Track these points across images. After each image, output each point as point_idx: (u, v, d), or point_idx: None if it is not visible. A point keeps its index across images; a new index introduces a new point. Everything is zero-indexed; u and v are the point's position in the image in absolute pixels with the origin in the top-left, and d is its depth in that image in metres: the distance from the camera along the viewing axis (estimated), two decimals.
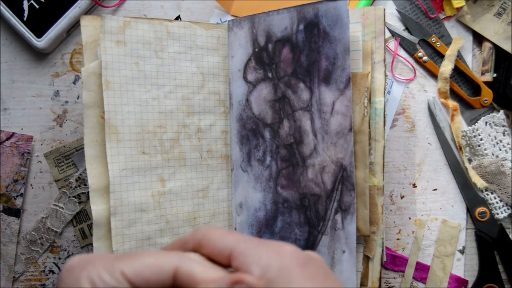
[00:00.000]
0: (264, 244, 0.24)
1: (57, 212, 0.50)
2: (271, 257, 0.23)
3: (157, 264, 0.23)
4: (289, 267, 0.22)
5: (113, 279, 0.22)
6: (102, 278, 0.22)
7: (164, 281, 0.23)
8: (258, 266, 0.22)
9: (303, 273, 0.22)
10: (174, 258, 0.23)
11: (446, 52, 0.51)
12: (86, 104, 0.41)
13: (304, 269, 0.23)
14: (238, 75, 0.46)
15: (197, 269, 0.23)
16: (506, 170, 0.49)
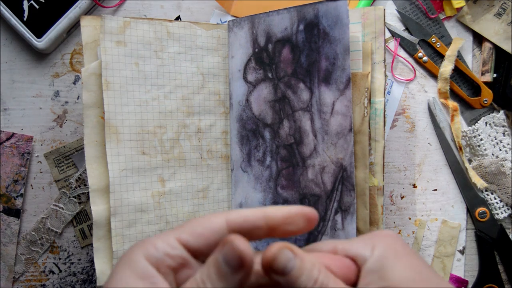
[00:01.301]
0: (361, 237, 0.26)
1: (57, 212, 0.50)
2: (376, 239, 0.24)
3: (208, 220, 0.23)
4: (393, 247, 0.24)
5: (167, 245, 0.23)
6: (156, 247, 0.23)
7: (219, 233, 0.23)
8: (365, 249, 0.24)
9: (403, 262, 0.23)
10: (222, 214, 0.24)
11: (446, 52, 0.51)
12: (86, 104, 0.41)
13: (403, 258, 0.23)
14: (238, 75, 0.46)
15: (245, 211, 0.24)
16: (506, 170, 0.49)
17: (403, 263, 0.23)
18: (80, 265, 0.51)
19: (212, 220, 0.23)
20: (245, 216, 0.23)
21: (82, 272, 0.51)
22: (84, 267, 0.51)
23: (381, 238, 0.25)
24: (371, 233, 0.25)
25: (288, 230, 0.24)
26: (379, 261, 0.23)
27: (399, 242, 0.25)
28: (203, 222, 0.23)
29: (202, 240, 0.23)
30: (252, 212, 0.24)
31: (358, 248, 0.24)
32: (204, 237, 0.23)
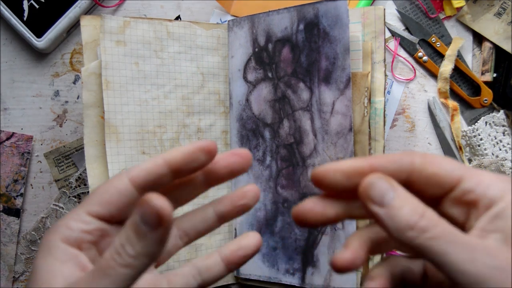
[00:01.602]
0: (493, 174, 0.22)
1: (57, 212, 0.50)
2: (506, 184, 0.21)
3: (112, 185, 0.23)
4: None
5: (80, 222, 0.23)
6: (70, 227, 0.23)
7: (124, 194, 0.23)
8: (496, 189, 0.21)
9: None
10: (123, 173, 0.23)
11: (446, 52, 0.51)
12: (86, 104, 0.41)
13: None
14: (238, 75, 0.46)
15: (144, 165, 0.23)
16: (506, 170, 0.49)
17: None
18: None
19: (116, 184, 0.23)
20: (146, 169, 0.23)
21: None
22: None
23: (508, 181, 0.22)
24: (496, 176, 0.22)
25: (192, 167, 0.24)
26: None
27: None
28: (107, 189, 0.23)
29: (112, 206, 0.23)
30: (152, 162, 0.23)
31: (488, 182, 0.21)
32: (113, 203, 0.23)
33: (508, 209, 0.20)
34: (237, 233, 0.47)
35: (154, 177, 0.23)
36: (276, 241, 0.44)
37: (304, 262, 0.43)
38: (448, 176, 0.22)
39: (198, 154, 0.24)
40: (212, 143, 0.24)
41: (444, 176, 0.22)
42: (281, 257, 0.44)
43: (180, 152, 0.23)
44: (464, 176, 0.22)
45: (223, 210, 0.27)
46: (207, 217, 0.27)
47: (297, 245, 0.43)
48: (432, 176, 0.22)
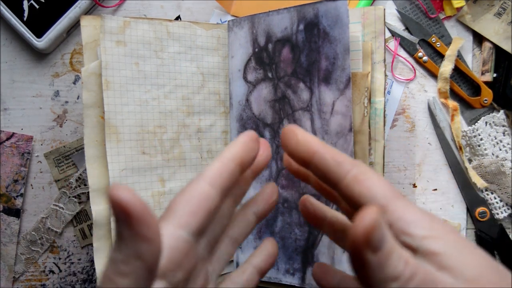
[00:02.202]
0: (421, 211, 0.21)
1: (57, 212, 0.50)
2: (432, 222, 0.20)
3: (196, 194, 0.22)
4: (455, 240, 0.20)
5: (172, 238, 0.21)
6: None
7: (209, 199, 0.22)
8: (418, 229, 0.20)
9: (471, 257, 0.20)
10: (199, 178, 0.23)
11: (446, 52, 0.51)
12: (86, 104, 0.41)
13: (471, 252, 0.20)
14: (238, 75, 0.46)
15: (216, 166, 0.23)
16: (506, 170, 0.49)
17: (472, 253, 0.20)
18: (80, 265, 0.51)
19: (198, 191, 0.22)
20: (219, 169, 0.23)
21: (82, 272, 0.51)
22: (84, 267, 0.51)
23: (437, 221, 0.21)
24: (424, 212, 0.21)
25: (251, 158, 0.24)
26: (445, 244, 0.20)
27: (455, 230, 0.21)
28: (191, 197, 0.22)
29: (201, 216, 0.22)
30: (220, 162, 0.23)
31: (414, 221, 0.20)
32: (201, 212, 0.22)
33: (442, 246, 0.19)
34: None
35: (229, 176, 0.23)
36: (276, 241, 0.44)
37: (304, 262, 0.43)
38: (370, 203, 0.21)
39: (253, 144, 0.24)
40: (253, 133, 0.24)
41: (367, 201, 0.21)
42: (281, 257, 0.44)
43: (238, 145, 0.24)
44: (387, 208, 0.20)
45: (260, 210, 0.28)
46: (249, 219, 0.28)
47: (297, 245, 0.43)
48: (357, 195, 0.21)
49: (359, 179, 0.21)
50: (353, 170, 0.21)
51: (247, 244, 0.46)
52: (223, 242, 0.27)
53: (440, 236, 0.20)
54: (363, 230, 0.18)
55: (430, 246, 0.19)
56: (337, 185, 0.22)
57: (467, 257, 0.19)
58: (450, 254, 0.19)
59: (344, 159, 0.22)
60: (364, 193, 0.21)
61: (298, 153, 0.23)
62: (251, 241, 0.46)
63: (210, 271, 0.25)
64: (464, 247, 0.20)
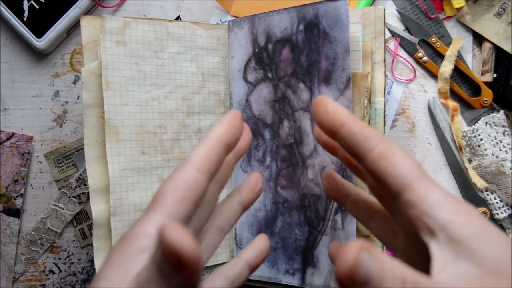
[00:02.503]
0: (446, 193, 0.20)
1: (57, 212, 0.50)
2: (456, 206, 0.19)
3: (182, 179, 0.21)
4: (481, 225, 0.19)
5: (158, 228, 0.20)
6: (149, 235, 0.20)
7: (196, 184, 0.21)
8: (441, 212, 0.19)
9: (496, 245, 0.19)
10: (185, 164, 0.22)
11: (446, 52, 0.51)
12: (86, 104, 0.41)
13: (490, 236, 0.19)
14: (238, 75, 0.46)
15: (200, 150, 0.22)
16: (506, 170, 0.49)
17: (497, 238, 0.19)
18: (80, 265, 0.51)
19: (185, 177, 0.21)
20: (206, 154, 0.22)
21: (82, 272, 0.51)
22: (84, 267, 0.51)
23: (463, 205, 0.20)
24: (449, 195, 0.20)
25: (236, 139, 0.24)
26: (469, 230, 0.19)
27: (482, 215, 0.20)
28: (178, 185, 0.21)
29: (190, 202, 0.21)
30: (206, 145, 0.22)
31: (437, 203, 0.19)
32: (189, 198, 0.21)
33: (465, 231, 0.19)
34: (237, 233, 0.47)
35: (216, 159, 0.22)
36: (276, 241, 0.44)
37: (304, 263, 0.43)
38: (396, 178, 0.20)
39: (237, 123, 0.24)
40: (237, 112, 0.24)
41: (393, 176, 0.20)
42: (281, 258, 0.44)
43: (224, 126, 0.23)
44: (410, 186, 0.20)
45: (246, 198, 0.28)
46: (235, 209, 0.28)
47: (297, 245, 0.43)
48: (382, 170, 0.21)
49: (384, 154, 0.21)
50: (380, 145, 0.21)
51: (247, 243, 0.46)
52: (209, 232, 0.27)
53: (464, 221, 0.19)
54: (346, 270, 0.17)
55: (453, 232, 0.19)
56: (363, 159, 0.22)
57: (492, 245, 0.18)
58: (473, 241, 0.18)
59: (372, 133, 0.22)
60: (389, 169, 0.21)
61: (327, 123, 0.23)
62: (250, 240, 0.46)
63: None
64: (489, 234, 0.19)
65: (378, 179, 0.21)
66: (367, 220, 0.27)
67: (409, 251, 0.22)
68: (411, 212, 0.20)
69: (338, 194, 0.29)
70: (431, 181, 0.20)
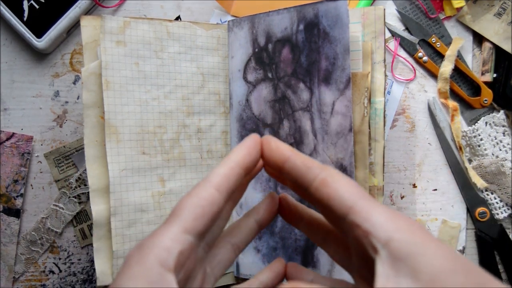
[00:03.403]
0: (387, 211, 0.21)
1: (57, 212, 0.50)
2: (398, 223, 0.20)
3: (201, 197, 0.23)
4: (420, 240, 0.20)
5: (178, 242, 0.22)
6: (168, 249, 0.21)
7: (214, 203, 0.23)
8: (383, 231, 0.20)
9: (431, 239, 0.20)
10: (204, 182, 0.23)
11: (446, 52, 0.51)
12: (86, 104, 0.41)
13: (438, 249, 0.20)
14: (238, 75, 0.46)
15: (221, 170, 0.24)
16: (506, 170, 0.49)
17: (435, 251, 0.19)
18: (80, 265, 0.51)
19: (204, 195, 0.23)
20: (226, 174, 0.23)
21: (82, 272, 0.51)
22: (84, 267, 0.51)
23: (404, 221, 0.21)
24: (390, 212, 0.21)
25: (255, 163, 0.25)
26: (408, 246, 0.19)
27: (423, 229, 0.21)
28: (198, 202, 0.22)
29: (207, 219, 0.22)
30: (227, 167, 0.23)
31: (379, 222, 0.20)
32: (207, 216, 0.22)
33: (403, 247, 0.20)
34: None
35: (235, 181, 0.24)
36: (276, 241, 0.44)
37: (304, 262, 0.43)
38: (340, 202, 0.22)
39: (257, 148, 0.25)
40: (257, 136, 0.25)
41: (336, 201, 0.22)
42: (281, 257, 0.44)
43: (244, 150, 0.24)
44: (353, 209, 0.21)
45: (263, 218, 0.28)
46: (251, 227, 0.28)
47: (297, 245, 0.43)
48: (325, 197, 0.22)
49: (326, 181, 0.22)
50: (322, 173, 0.23)
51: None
52: (224, 248, 0.27)
53: (404, 238, 0.20)
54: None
55: (393, 249, 0.20)
56: (307, 188, 0.23)
57: (430, 258, 0.19)
58: (412, 256, 0.19)
59: (313, 164, 0.23)
60: (331, 194, 0.22)
61: (273, 160, 0.24)
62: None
63: (208, 272, 0.26)
64: (428, 248, 0.19)
65: (323, 206, 0.23)
66: (322, 242, 0.28)
67: (362, 271, 0.23)
68: (356, 232, 0.21)
69: (292, 217, 0.29)
70: (373, 202, 0.22)
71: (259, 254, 0.45)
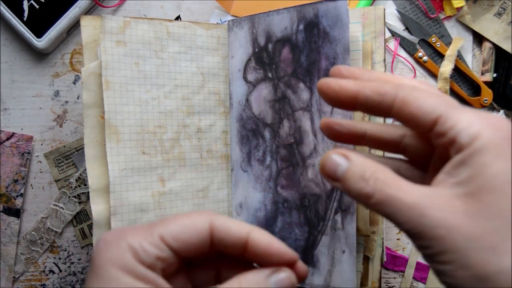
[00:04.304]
0: (477, 113, 0.21)
1: (57, 212, 0.50)
2: (484, 127, 0.20)
3: (192, 224, 0.22)
4: (501, 141, 0.19)
5: (155, 247, 0.22)
6: (143, 248, 0.21)
7: (203, 239, 0.22)
8: (467, 134, 0.20)
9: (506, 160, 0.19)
10: (207, 215, 0.23)
11: (446, 52, 0.51)
12: (86, 104, 0.41)
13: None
14: (238, 75, 0.46)
15: (231, 223, 0.23)
16: None
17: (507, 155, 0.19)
18: (80, 265, 0.51)
19: (197, 224, 0.22)
20: (229, 229, 0.23)
21: (82, 272, 0.51)
22: (84, 267, 0.51)
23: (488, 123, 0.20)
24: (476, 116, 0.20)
25: (262, 261, 0.24)
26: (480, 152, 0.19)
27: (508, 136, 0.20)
28: (188, 226, 0.22)
29: (187, 246, 0.22)
30: (238, 227, 0.23)
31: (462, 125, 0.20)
32: (188, 244, 0.22)
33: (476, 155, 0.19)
34: None
35: (231, 242, 0.23)
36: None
37: (304, 262, 0.43)
38: (425, 117, 0.21)
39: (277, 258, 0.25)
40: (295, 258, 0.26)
41: (421, 116, 0.21)
42: None
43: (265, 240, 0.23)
44: (442, 117, 0.21)
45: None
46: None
47: (297, 245, 0.43)
48: (410, 116, 0.22)
49: (406, 101, 0.22)
50: (399, 95, 0.22)
51: None
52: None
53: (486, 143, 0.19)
54: (320, 168, 0.23)
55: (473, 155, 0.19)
56: (389, 114, 0.23)
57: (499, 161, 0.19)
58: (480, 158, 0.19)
59: (385, 89, 0.22)
60: (416, 113, 0.21)
61: (343, 101, 0.24)
62: None
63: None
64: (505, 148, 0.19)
65: (411, 126, 0.23)
66: (397, 144, 0.27)
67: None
68: (443, 140, 0.21)
69: (352, 135, 0.27)
70: (459, 109, 0.21)
71: None
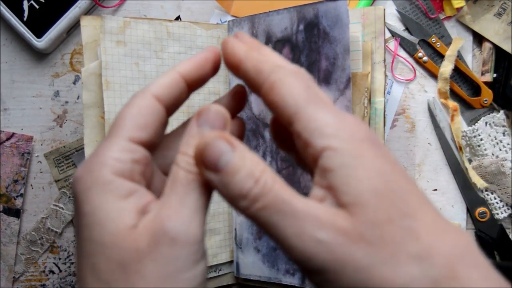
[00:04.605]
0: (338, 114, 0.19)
1: (57, 212, 0.50)
2: (340, 131, 0.18)
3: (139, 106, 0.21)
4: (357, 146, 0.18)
5: (127, 151, 0.20)
6: (119, 159, 0.20)
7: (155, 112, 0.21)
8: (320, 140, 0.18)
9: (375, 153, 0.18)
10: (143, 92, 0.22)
11: (446, 52, 0.51)
12: (86, 104, 0.41)
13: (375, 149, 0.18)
14: None
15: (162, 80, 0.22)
16: (506, 170, 0.49)
17: (371, 165, 0.17)
18: None
19: (144, 103, 0.21)
20: (167, 84, 0.22)
21: None
22: None
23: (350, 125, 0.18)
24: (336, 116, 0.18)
25: (203, 79, 0.24)
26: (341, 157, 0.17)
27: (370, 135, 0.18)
28: (138, 111, 0.21)
29: (151, 129, 0.21)
30: (169, 77, 0.22)
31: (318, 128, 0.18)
32: (151, 125, 0.21)
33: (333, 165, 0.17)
34: (237, 233, 0.47)
35: (176, 92, 0.22)
36: None
37: None
38: (284, 110, 0.19)
39: (210, 59, 0.23)
40: (217, 51, 0.23)
41: (281, 107, 0.19)
42: (281, 257, 0.44)
43: (191, 61, 0.23)
44: (297, 114, 0.18)
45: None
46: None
47: None
48: (272, 104, 0.19)
49: (274, 86, 0.19)
50: (270, 77, 0.19)
51: (247, 245, 0.46)
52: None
53: (341, 146, 0.17)
54: (197, 153, 0.18)
55: (325, 161, 0.17)
56: (259, 93, 0.20)
57: (363, 172, 0.17)
58: (344, 169, 0.17)
59: (263, 67, 0.20)
60: (277, 101, 0.19)
61: (230, 64, 0.22)
62: (251, 241, 0.46)
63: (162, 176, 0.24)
64: (366, 156, 0.17)
65: (274, 113, 0.20)
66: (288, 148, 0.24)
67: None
68: (298, 142, 0.19)
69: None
70: (320, 106, 0.19)
71: (259, 254, 0.45)
